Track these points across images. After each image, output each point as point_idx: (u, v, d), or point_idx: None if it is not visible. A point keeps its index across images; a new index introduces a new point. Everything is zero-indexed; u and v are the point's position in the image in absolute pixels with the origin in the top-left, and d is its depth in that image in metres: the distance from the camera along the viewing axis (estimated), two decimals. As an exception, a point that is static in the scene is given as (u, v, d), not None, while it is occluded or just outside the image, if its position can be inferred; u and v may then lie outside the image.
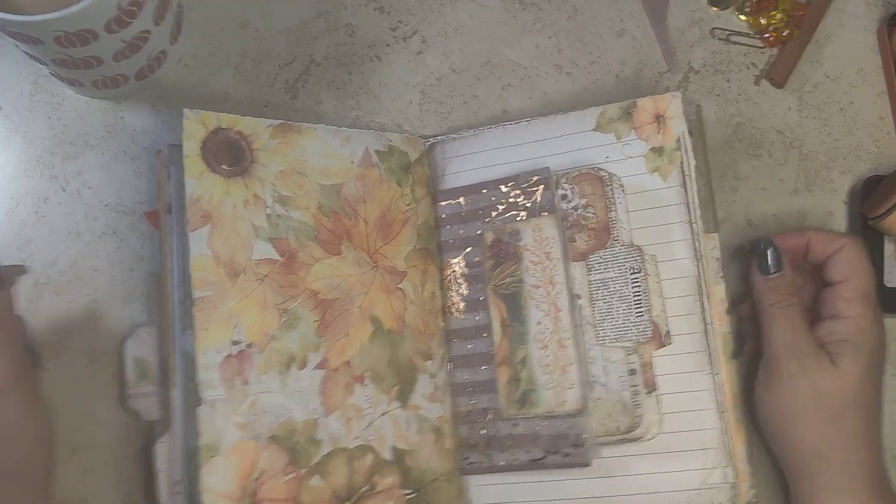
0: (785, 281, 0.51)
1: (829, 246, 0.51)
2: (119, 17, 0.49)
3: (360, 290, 0.52)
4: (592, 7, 0.62)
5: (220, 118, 0.50)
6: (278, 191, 0.51)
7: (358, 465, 0.50)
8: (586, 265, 0.53)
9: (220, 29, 0.60)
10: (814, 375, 0.48)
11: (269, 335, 0.49)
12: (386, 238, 0.54)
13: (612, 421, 0.51)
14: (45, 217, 0.57)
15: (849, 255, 0.51)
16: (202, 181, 0.49)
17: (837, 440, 0.48)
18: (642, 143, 0.53)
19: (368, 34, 0.61)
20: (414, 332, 0.53)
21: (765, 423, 0.51)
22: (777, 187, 0.59)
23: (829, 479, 0.48)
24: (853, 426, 0.48)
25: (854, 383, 0.48)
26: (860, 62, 0.61)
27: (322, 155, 0.53)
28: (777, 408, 0.50)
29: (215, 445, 0.46)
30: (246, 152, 0.51)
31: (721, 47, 0.61)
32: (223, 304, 0.48)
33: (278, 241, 0.50)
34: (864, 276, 0.50)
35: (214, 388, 0.47)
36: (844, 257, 0.51)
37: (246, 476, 0.47)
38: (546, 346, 0.52)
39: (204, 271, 0.48)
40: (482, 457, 0.52)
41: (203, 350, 0.47)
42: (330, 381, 0.50)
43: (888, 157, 0.59)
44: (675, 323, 0.51)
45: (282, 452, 0.48)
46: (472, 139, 0.56)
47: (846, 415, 0.48)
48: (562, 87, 0.60)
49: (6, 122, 0.58)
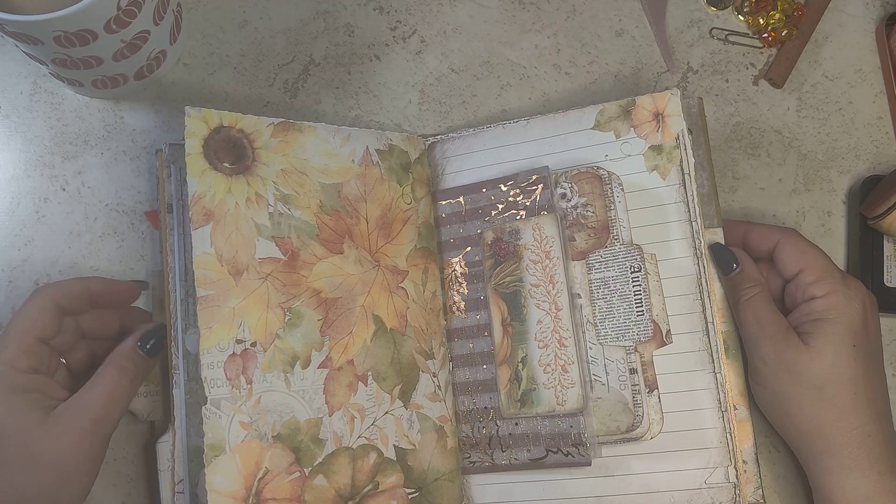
0: (743, 275, 0.51)
1: (764, 241, 0.52)
2: (118, 16, 0.49)
3: (362, 289, 0.52)
4: (591, 7, 0.62)
5: (221, 116, 0.50)
6: (280, 189, 0.51)
7: (361, 465, 0.50)
8: (586, 264, 0.53)
9: (219, 29, 0.60)
10: (788, 358, 0.48)
11: (272, 334, 0.49)
12: (387, 237, 0.54)
13: (612, 420, 0.51)
14: (45, 217, 0.57)
15: (791, 246, 0.51)
16: (204, 179, 0.49)
17: (829, 419, 0.48)
18: (641, 142, 0.53)
19: (368, 34, 0.61)
20: (416, 331, 0.53)
21: (765, 414, 0.51)
22: (776, 187, 0.59)
23: (833, 459, 0.48)
24: (841, 403, 0.48)
25: (829, 360, 0.48)
26: (859, 62, 0.61)
27: (323, 154, 0.53)
28: (767, 396, 0.50)
29: (219, 445, 0.46)
30: (248, 150, 0.51)
31: (720, 47, 0.61)
32: (227, 302, 0.48)
33: (281, 239, 0.50)
34: (817, 256, 0.50)
35: (219, 387, 0.47)
36: (789, 250, 0.51)
37: (251, 475, 0.47)
38: (546, 346, 0.52)
39: (207, 269, 0.48)
40: (483, 456, 0.52)
41: (207, 349, 0.47)
42: (333, 380, 0.50)
43: (887, 156, 0.59)
44: (675, 322, 0.51)
45: (286, 451, 0.48)
46: (472, 138, 0.56)
47: (830, 392, 0.48)
48: (561, 86, 0.60)
49: (6, 122, 0.58)
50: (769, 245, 0.52)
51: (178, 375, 0.50)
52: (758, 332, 0.50)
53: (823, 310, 0.49)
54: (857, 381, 0.48)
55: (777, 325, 0.49)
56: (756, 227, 0.53)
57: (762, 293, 0.50)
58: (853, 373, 0.48)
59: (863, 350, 0.49)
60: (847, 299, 0.49)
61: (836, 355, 0.48)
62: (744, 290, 0.51)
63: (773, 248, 0.52)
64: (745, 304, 0.50)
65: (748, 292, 0.50)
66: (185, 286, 0.50)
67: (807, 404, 0.48)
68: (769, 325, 0.49)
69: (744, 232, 0.53)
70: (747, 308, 0.50)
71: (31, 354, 0.47)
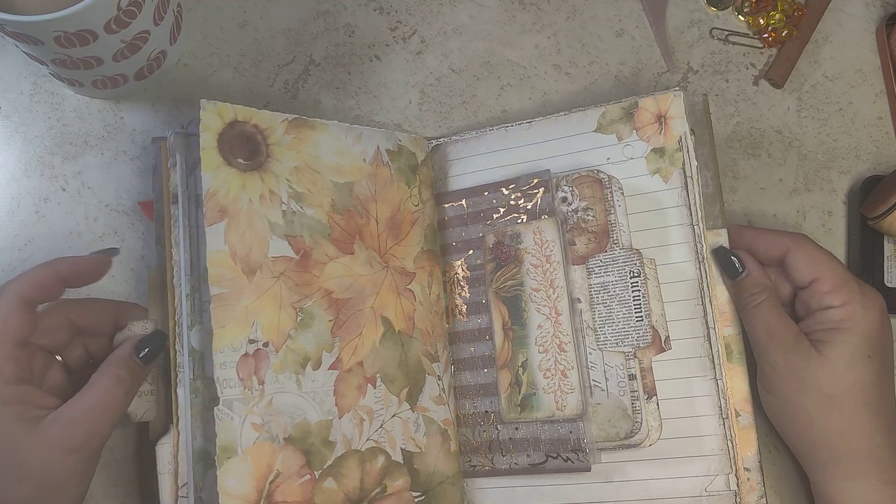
0: (751, 280, 0.50)
1: (773, 247, 0.51)
2: (119, 17, 0.49)
3: (371, 290, 0.51)
4: (591, 7, 0.62)
5: (236, 110, 0.49)
6: (293, 187, 0.50)
7: (370, 468, 0.49)
8: (586, 268, 0.53)
9: (219, 29, 0.60)
10: (797, 365, 0.48)
11: (285, 334, 0.48)
12: (396, 238, 0.53)
13: (611, 426, 0.51)
14: (45, 217, 0.57)
15: (804, 254, 0.50)
16: (219, 174, 0.48)
17: (837, 428, 0.47)
18: (644, 144, 0.53)
19: (368, 34, 0.61)
20: (422, 333, 0.53)
21: (772, 420, 0.51)
22: (776, 187, 0.59)
23: (838, 469, 0.48)
24: (851, 413, 0.47)
25: (841, 369, 0.47)
26: (859, 62, 0.61)
27: (335, 152, 0.52)
28: (775, 403, 0.50)
29: (231, 447, 0.45)
30: (262, 146, 0.50)
31: (720, 47, 0.61)
32: (240, 301, 0.47)
33: (294, 238, 0.49)
34: (832, 265, 0.49)
35: (231, 388, 0.46)
36: (802, 259, 0.50)
37: (262, 478, 0.46)
38: (547, 350, 0.52)
39: (221, 267, 0.47)
40: (484, 460, 0.52)
41: (219, 348, 0.46)
42: (343, 382, 0.49)
43: (887, 156, 0.59)
44: (675, 327, 0.51)
45: (297, 454, 0.47)
46: (474, 141, 0.56)
47: (840, 402, 0.47)
48: (561, 86, 0.60)
49: (6, 122, 0.58)
50: (779, 252, 0.51)
51: (182, 374, 0.48)
52: (766, 339, 0.49)
53: (840, 320, 0.48)
54: (868, 392, 0.48)
55: (786, 331, 0.49)
56: (764, 233, 0.52)
57: (770, 299, 0.49)
58: (865, 383, 0.47)
59: (877, 360, 0.48)
60: (865, 309, 0.48)
61: (850, 365, 0.47)
62: (751, 295, 0.50)
63: (783, 254, 0.50)
64: (752, 311, 0.50)
65: (755, 298, 0.49)
66: (191, 281, 0.49)
67: (815, 412, 0.48)
68: (778, 331, 0.49)
69: (750, 238, 0.52)
70: (755, 314, 0.49)
71: (13, 360, 0.44)
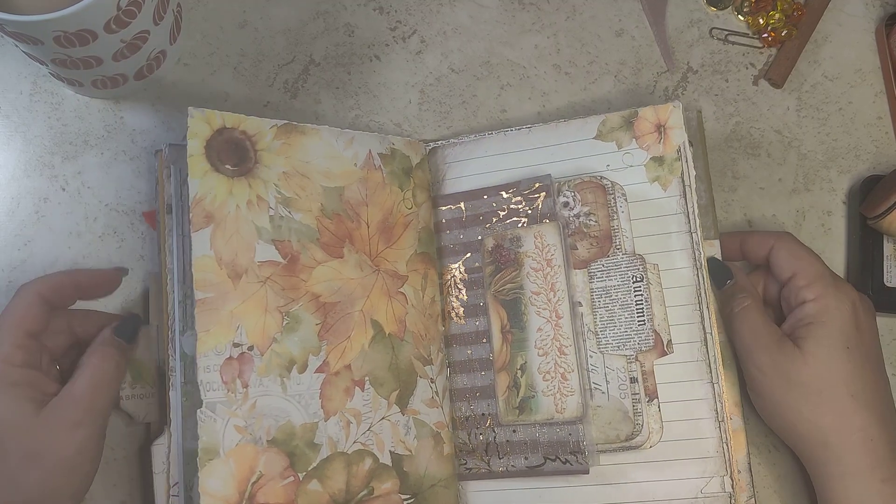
0: (737, 286, 0.51)
1: (761, 247, 0.52)
2: (118, 17, 0.49)
3: (361, 293, 0.52)
4: (591, 7, 0.62)
5: (224, 117, 0.50)
6: (282, 192, 0.51)
7: (356, 470, 0.50)
8: (588, 273, 0.53)
9: (219, 29, 0.60)
10: (783, 365, 0.49)
11: (270, 338, 0.49)
12: (388, 242, 0.53)
13: (612, 429, 0.51)
14: (45, 217, 0.57)
15: (785, 251, 0.51)
16: (206, 181, 0.49)
17: (829, 423, 0.48)
18: (643, 153, 0.53)
19: (367, 34, 0.61)
20: (414, 336, 0.53)
21: (767, 423, 0.51)
22: (776, 187, 0.59)
23: (836, 466, 0.48)
24: (839, 406, 0.48)
25: (822, 363, 0.48)
26: (858, 62, 0.61)
27: (325, 157, 0.53)
28: (766, 406, 0.50)
29: (214, 448, 0.46)
30: (250, 152, 0.50)
31: (720, 47, 0.61)
32: (225, 305, 0.48)
33: (281, 242, 0.50)
34: (810, 261, 0.51)
35: (214, 391, 0.47)
36: (783, 254, 0.51)
37: (244, 479, 0.47)
38: (546, 353, 0.52)
39: (206, 272, 0.48)
40: (480, 463, 0.52)
41: (203, 352, 0.47)
42: (330, 385, 0.50)
43: (887, 156, 0.60)
44: (675, 332, 0.51)
45: (281, 456, 0.48)
46: (473, 144, 0.56)
47: (827, 396, 0.48)
48: (560, 86, 0.60)
49: (6, 122, 0.58)
50: (765, 251, 0.52)
51: (174, 378, 0.49)
52: (752, 342, 0.50)
53: (815, 313, 0.49)
54: (852, 383, 0.48)
55: (770, 333, 0.50)
56: (752, 235, 0.53)
57: (755, 303, 0.51)
58: (847, 374, 0.48)
59: (857, 352, 0.49)
60: (837, 301, 0.49)
61: (829, 358, 0.48)
62: (737, 300, 0.51)
63: (769, 252, 0.52)
64: (737, 315, 0.51)
65: (741, 302, 0.51)
66: (183, 288, 0.50)
67: (806, 410, 0.48)
68: (763, 334, 0.49)
69: (740, 241, 0.53)
70: (742, 317, 0.50)
71: (23, 348, 0.47)
